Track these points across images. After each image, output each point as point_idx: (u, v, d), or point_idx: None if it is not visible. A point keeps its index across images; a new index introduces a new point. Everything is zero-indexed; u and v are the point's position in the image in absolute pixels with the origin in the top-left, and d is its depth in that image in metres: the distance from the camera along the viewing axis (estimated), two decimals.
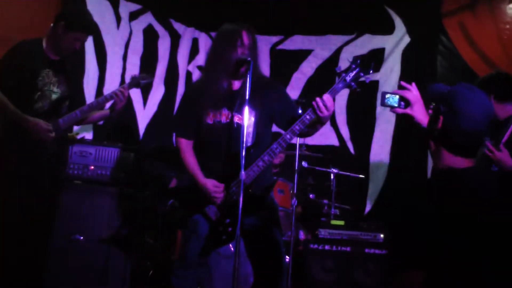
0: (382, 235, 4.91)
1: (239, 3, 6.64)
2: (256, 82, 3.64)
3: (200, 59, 6.82)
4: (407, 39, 6.44)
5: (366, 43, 6.63)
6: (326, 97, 3.69)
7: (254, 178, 3.76)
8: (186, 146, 3.97)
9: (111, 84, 5.86)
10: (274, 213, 4.00)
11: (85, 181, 4.86)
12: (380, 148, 6.46)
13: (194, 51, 6.86)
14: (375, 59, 6.21)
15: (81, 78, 5.52)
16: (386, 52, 6.53)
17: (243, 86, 3.79)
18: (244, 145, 3.53)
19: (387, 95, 2.99)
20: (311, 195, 5.56)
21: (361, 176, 5.89)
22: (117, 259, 4.79)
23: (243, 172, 3.53)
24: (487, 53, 5.99)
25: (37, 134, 4.20)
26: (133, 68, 6.17)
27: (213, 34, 6.76)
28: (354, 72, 3.74)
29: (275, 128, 4.04)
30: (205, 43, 6.92)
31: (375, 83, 6.44)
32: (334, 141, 6.63)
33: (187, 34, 6.77)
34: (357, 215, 5.94)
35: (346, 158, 6.49)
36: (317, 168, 5.63)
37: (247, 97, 3.57)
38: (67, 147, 4.58)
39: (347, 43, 6.71)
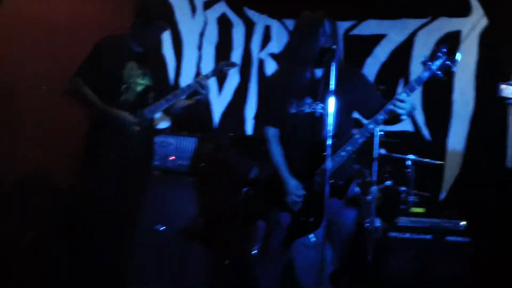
0: (464, 223, 4.81)
1: None
2: (338, 70, 3.61)
3: (273, 46, 6.81)
4: (484, 22, 6.26)
5: (441, 26, 6.46)
6: (402, 97, 3.65)
7: (336, 168, 3.75)
8: (273, 136, 3.98)
9: (187, 74, 5.92)
10: (355, 203, 3.99)
11: (165, 171, 4.92)
12: (457, 134, 6.33)
13: (266, 39, 6.86)
14: (451, 42, 6.11)
15: (164, 68, 5.58)
16: (462, 35, 6.36)
17: (326, 74, 3.77)
18: (329, 134, 3.52)
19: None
20: (388, 183, 5.48)
21: (439, 162, 5.76)
22: (195, 250, 4.85)
23: (329, 162, 3.53)
24: None
25: (123, 127, 4.28)
26: (208, 57, 6.21)
27: (285, 21, 6.74)
28: (441, 61, 3.67)
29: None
30: (277, 30, 6.89)
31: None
32: (409, 127, 6.53)
33: (260, 21, 6.76)
34: (432, 202, 5.83)
35: (421, 144, 6.38)
36: (394, 155, 5.53)
37: (331, 86, 3.55)
38: (153, 139, 4.63)
39: (421, 26, 6.56)
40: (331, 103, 3.54)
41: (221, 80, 6.36)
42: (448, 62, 3.64)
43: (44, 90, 4.86)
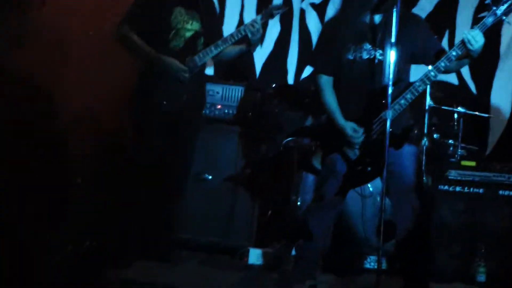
0: None
1: None
2: (398, 16, 3.51)
3: None
4: None
5: None
6: (476, 32, 3.53)
7: (395, 117, 3.66)
8: (326, 83, 3.90)
9: (230, 24, 5.84)
10: (409, 154, 3.91)
11: (212, 120, 4.88)
12: (502, 88, 6.18)
13: None
14: None
15: (213, 12, 5.46)
16: None
17: (386, 20, 3.67)
18: (389, 82, 3.44)
19: None
20: (435, 135, 5.36)
21: (487, 115, 5.65)
22: (242, 200, 4.85)
23: (389, 111, 3.45)
24: None
25: (173, 74, 4.21)
26: (251, 6, 6.10)
27: None
28: (507, 5, 3.54)
29: None
30: None
31: None
32: (453, 79, 6.38)
33: None
34: (481, 156, 5.73)
35: (466, 97, 6.25)
36: (442, 107, 5.38)
37: (392, 33, 3.45)
38: (204, 86, 4.56)
39: None
40: (391, 50, 3.45)
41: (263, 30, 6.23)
42: None
43: (91, 36, 4.79)
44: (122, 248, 4.16)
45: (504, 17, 3.57)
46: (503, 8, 3.55)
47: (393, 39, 3.44)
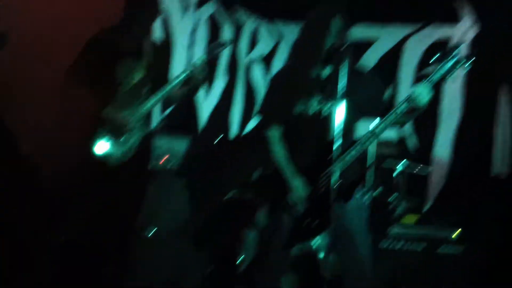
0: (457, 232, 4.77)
1: None
2: (348, 69, 3.54)
3: (260, 48, 6.72)
4: (475, 29, 6.27)
5: (432, 33, 6.46)
6: (423, 88, 3.58)
7: (343, 171, 3.66)
8: (275, 134, 3.89)
9: (177, 67, 5.89)
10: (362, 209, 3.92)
11: (158, 172, 4.82)
12: (444, 143, 6.32)
13: (254, 41, 6.76)
14: (442, 49, 6.09)
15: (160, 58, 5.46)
16: (453, 42, 6.35)
17: (335, 73, 3.67)
18: (337, 135, 3.46)
19: None
20: (378, 190, 5.41)
21: (429, 169, 5.75)
22: (191, 252, 4.75)
23: (336, 165, 3.47)
24: None
25: (117, 127, 4.16)
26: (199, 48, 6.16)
27: (275, 22, 6.62)
28: (453, 62, 3.60)
29: None
30: (265, 32, 6.79)
31: None
32: (395, 134, 6.49)
33: (249, 23, 6.66)
34: (422, 210, 5.81)
35: (408, 151, 6.36)
36: (382, 163, 5.46)
37: (340, 86, 3.47)
38: (150, 137, 4.51)
39: (412, 33, 6.54)
40: (340, 103, 3.47)
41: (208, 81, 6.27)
42: (461, 63, 3.57)
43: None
44: None
45: (449, 74, 3.62)
46: (449, 64, 3.61)
47: (341, 93, 3.46)
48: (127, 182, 4.26)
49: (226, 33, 6.48)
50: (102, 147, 4.16)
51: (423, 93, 3.55)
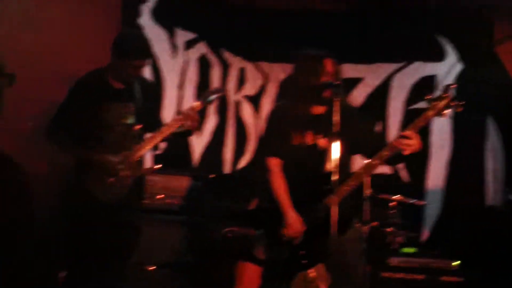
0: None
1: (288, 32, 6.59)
2: (340, 107, 3.61)
3: (248, 88, 6.76)
4: (459, 66, 6.39)
5: (416, 71, 6.57)
6: (409, 133, 3.63)
7: (338, 204, 3.69)
8: (276, 167, 3.93)
9: (167, 114, 5.90)
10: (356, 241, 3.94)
11: (154, 210, 4.80)
12: (436, 175, 6.38)
13: (241, 81, 6.82)
14: (426, 87, 6.21)
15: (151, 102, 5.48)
16: (438, 79, 6.46)
17: (329, 110, 3.74)
18: (334, 170, 3.50)
19: None
20: (374, 223, 5.42)
21: (423, 202, 5.78)
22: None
23: (333, 197, 3.52)
24: None
25: (108, 170, 4.14)
26: (189, 97, 6.19)
27: (260, 63, 6.69)
28: (445, 101, 3.65)
29: None
30: (252, 73, 6.84)
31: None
32: (386, 169, 6.54)
33: (235, 63, 6.73)
34: (419, 242, 5.83)
35: (400, 185, 6.40)
36: (377, 196, 5.48)
37: (334, 122, 3.53)
38: (142, 178, 4.47)
39: (397, 71, 6.64)
40: (334, 139, 3.52)
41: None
42: (454, 102, 3.62)
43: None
44: None
45: (442, 113, 3.65)
46: (442, 103, 3.63)
47: (334, 129, 3.52)
48: (120, 220, 4.23)
49: (215, 73, 6.53)
50: (95, 187, 4.14)
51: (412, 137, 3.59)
